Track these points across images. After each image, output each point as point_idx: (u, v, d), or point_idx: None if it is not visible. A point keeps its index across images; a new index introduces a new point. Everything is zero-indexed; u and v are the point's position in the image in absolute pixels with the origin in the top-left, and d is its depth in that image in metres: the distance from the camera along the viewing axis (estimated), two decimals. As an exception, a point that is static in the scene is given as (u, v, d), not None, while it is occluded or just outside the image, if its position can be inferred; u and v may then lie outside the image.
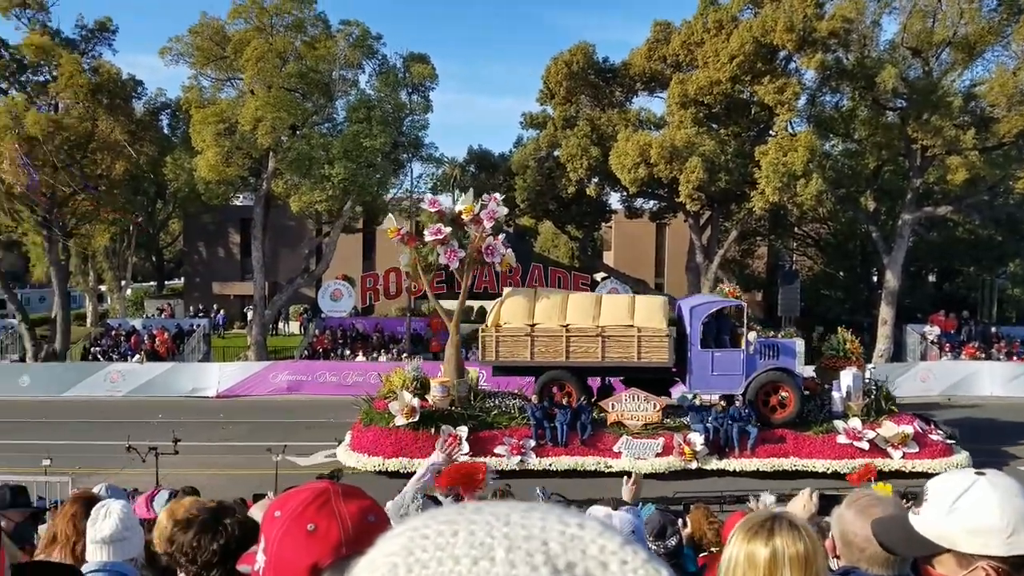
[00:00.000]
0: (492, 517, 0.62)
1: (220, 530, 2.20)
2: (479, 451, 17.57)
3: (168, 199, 39.76)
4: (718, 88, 29.88)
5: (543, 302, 19.03)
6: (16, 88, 31.86)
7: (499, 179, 32.93)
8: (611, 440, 18.13)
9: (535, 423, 18.17)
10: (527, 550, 0.58)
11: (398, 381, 19.07)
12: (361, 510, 1.37)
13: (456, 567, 0.58)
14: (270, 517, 1.39)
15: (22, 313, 31.61)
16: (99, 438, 20.90)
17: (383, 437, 18.09)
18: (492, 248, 18.36)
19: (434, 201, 18.66)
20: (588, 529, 0.61)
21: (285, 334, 37.47)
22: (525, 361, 18.72)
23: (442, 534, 0.61)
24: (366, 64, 31.74)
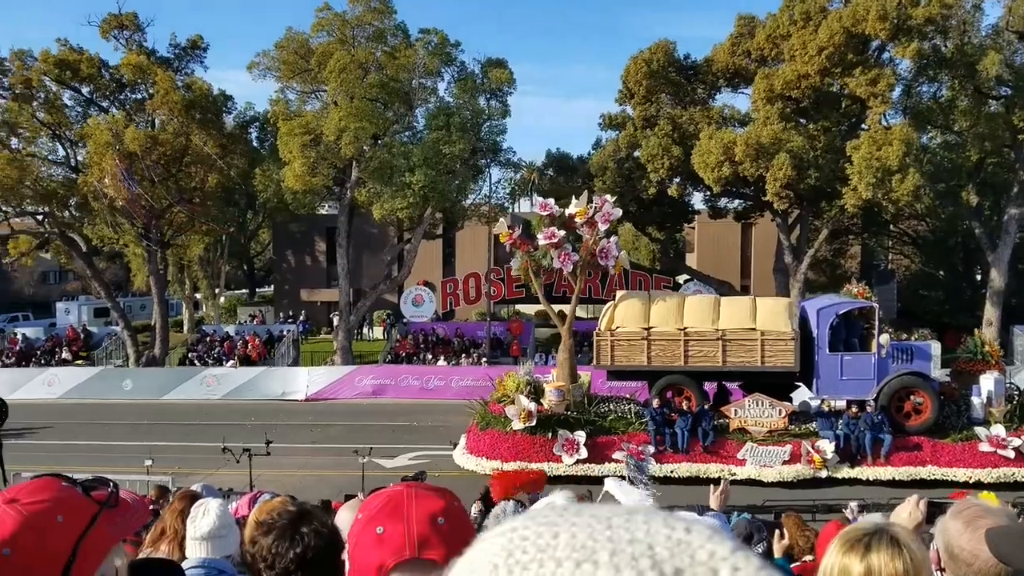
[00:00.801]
0: (594, 520, 0.60)
1: (297, 538, 2.16)
2: (597, 456, 17.48)
3: (258, 209, 41.15)
4: (806, 82, 28.94)
5: (659, 305, 18.62)
6: (116, 106, 33.60)
7: (578, 182, 32.68)
8: (734, 447, 17.66)
9: (654, 428, 17.81)
10: (632, 554, 0.56)
11: (512, 385, 18.89)
12: (431, 513, 1.38)
13: (558, 569, 0.56)
14: (355, 519, 1.44)
15: (124, 320, 33.30)
16: (196, 440, 21.69)
17: (500, 441, 18.05)
18: (607, 251, 18.10)
19: (545, 204, 18.50)
20: (696, 533, 0.59)
21: (369, 339, 38.19)
22: (641, 365, 18.33)
23: (542, 535, 0.60)
24: (445, 71, 32.08)
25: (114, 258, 45.21)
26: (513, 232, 18.64)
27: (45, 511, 1.36)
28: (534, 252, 18.59)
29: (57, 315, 42.50)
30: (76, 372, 30.18)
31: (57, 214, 32.41)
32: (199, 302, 45.23)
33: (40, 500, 1.37)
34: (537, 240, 18.29)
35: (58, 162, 33.30)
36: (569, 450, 17.55)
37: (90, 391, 28.81)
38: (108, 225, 31.96)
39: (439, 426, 24.12)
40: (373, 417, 25.11)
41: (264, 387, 28.46)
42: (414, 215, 30.54)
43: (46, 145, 33.16)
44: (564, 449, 17.58)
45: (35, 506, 1.36)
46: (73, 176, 32.35)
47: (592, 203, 18.12)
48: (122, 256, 43.02)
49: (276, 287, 45.13)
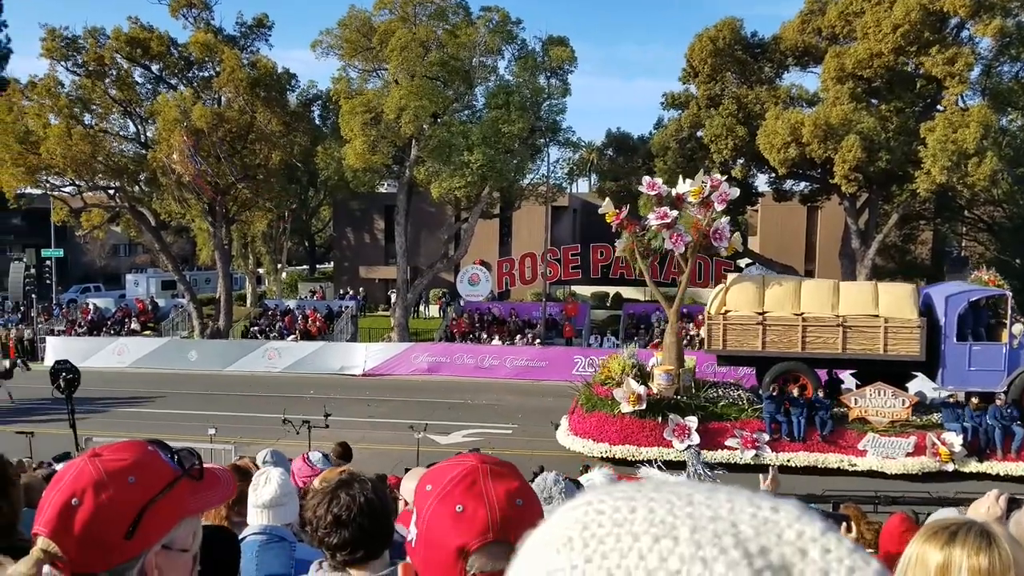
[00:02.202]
0: (673, 496, 0.59)
1: (335, 502, 2.31)
2: (709, 443, 17.11)
3: (319, 187, 41.77)
4: (879, 61, 27.94)
5: (774, 289, 18.00)
6: (184, 84, 34.32)
7: (638, 162, 32.24)
8: (854, 437, 17.09)
9: (769, 416, 17.31)
10: (714, 531, 0.54)
11: (616, 367, 18.50)
12: (509, 493, 1.35)
13: (636, 544, 0.55)
14: (422, 490, 1.38)
15: (191, 293, 34.26)
16: (257, 410, 22.15)
17: (608, 424, 17.69)
18: (720, 232, 17.36)
19: (652, 183, 17.77)
20: (784, 512, 0.56)
21: (426, 317, 38.48)
22: (755, 351, 17.78)
23: (619, 510, 0.58)
24: (505, 49, 31.84)
25: (181, 232, 46.40)
26: (620, 212, 18.11)
27: (120, 470, 1.39)
28: (640, 233, 18.01)
29: (127, 287, 43.85)
30: (144, 342, 31.17)
31: (127, 189, 33.35)
32: (262, 277, 46.25)
33: (120, 459, 1.41)
34: (645, 220, 17.69)
35: (129, 138, 34.13)
36: (680, 435, 17.15)
37: (157, 361, 29.75)
38: (175, 200, 32.79)
39: (493, 404, 24.29)
40: (428, 394, 25.35)
41: (323, 361, 28.97)
42: (472, 194, 30.54)
43: (118, 121, 34.00)
44: (675, 434, 17.19)
45: (113, 463, 1.40)
46: (143, 152, 33.17)
47: (705, 182, 17.42)
48: (189, 231, 44.16)
49: (336, 264, 45.84)
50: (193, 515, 1.49)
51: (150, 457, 1.45)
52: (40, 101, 31.77)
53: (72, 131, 30.59)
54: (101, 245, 47.80)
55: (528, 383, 26.91)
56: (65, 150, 30.07)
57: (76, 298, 40.09)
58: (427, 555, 1.34)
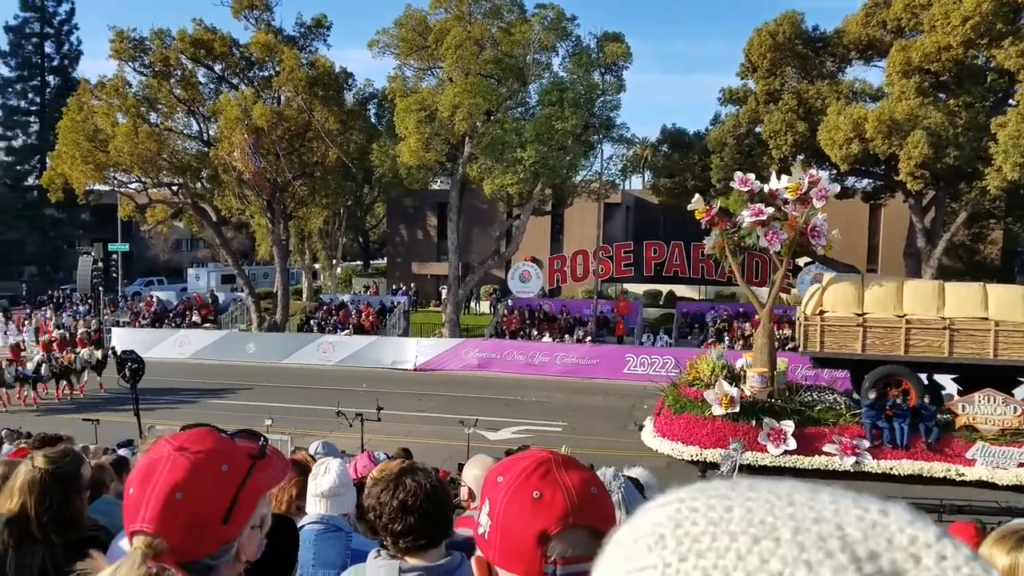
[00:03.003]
0: (772, 496, 0.57)
1: (400, 488, 2.36)
2: (806, 449, 16.62)
3: (374, 184, 42.26)
4: (947, 54, 26.97)
5: (874, 289, 17.38)
6: (245, 83, 35.15)
7: (693, 158, 31.72)
8: (962, 445, 16.43)
9: (869, 422, 16.69)
10: (819, 533, 0.52)
11: (705, 369, 18.15)
12: (583, 481, 1.36)
13: (733, 544, 0.53)
14: (492, 482, 1.40)
15: (249, 287, 35.09)
16: (312, 402, 22.47)
17: (697, 426, 17.24)
18: (819, 229, 16.84)
19: (745, 179, 17.26)
20: (894, 516, 0.53)
21: (476, 313, 38.62)
22: (854, 353, 17.15)
23: (714, 508, 0.56)
24: (560, 46, 31.73)
25: (241, 228, 47.45)
26: (711, 209, 17.56)
27: (211, 460, 1.47)
28: (731, 231, 17.47)
29: (188, 281, 45.27)
30: (204, 334, 31.98)
31: (190, 185, 34.32)
32: (317, 272, 47.09)
33: (204, 450, 1.48)
34: (736, 218, 17.17)
35: (192, 136, 35.11)
36: (775, 440, 16.65)
37: (216, 353, 30.50)
38: (236, 197, 33.61)
39: (543, 401, 24.22)
40: (478, 389, 25.39)
41: (375, 355, 29.31)
42: (524, 191, 30.50)
43: (182, 120, 35.07)
44: (770, 439, 16.70)
45: (202, 455, 1.47)
46: (205, 150, 34.06)
47: (803, 178, 16.83)
48: (248, 226, 45.22)
49: (389, 259, 46.38)
50: (264, 494, 1.57)
51: (227, 443, 1.53)
52: (109, 101, 32.97)
53: (139, 130, 31.66)
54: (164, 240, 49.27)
55: (578, 381, 26.74)
56: (132, 148, 31.12)
57: (140, 291, 41.46)
58: (504, 544, 1.34)
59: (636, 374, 26.66)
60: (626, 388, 25.73)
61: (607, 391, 25.50)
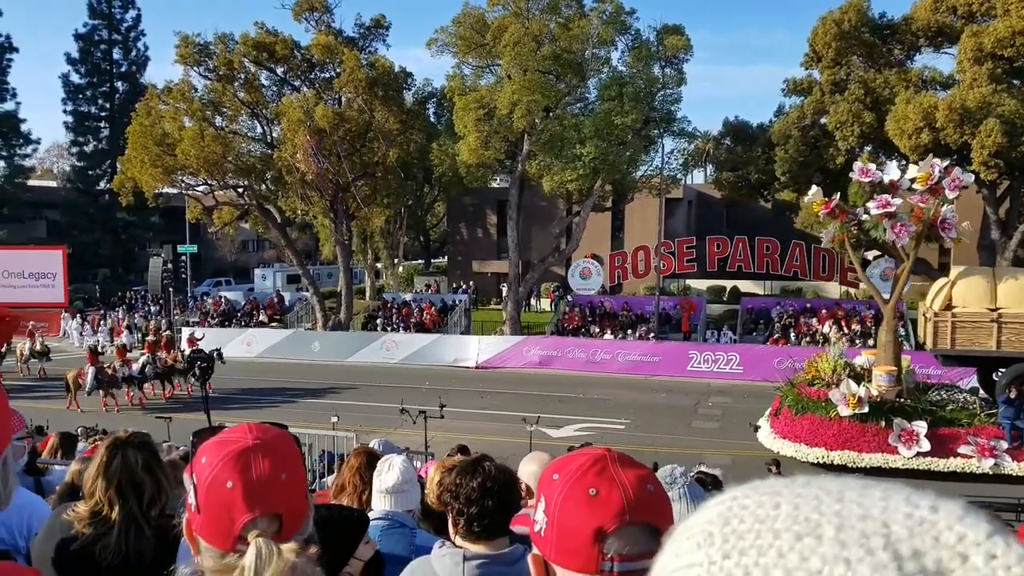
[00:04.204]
0: (823, 492, 0.56)
1: (480, 471, 2.41)
2: (940, 451, 15.98)
3: (434, 183, 42.47)
4: (1022, 39, 25.89)
5: (1008, 283, 16.72)
6: (307, 85, 35.65)
7: (757, 151, 31.13)
8: None
9: (1008, 422, 16.02)
10: (863, 531, 0.51)
11: (827, 367, 17.58)
12: (639, 478, 1.35)
13: (776, 542, 0.52)
14: (548, 479, 1.39)
15: (314, 287, 35.71)
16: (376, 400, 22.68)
17: (822, 427, 16.68)
18: (950, 222, 16.05)
19: (865, 170, 16.50)
20: (943, 513, 0.52)
21: (537, 310, 38.61)
22: (988, 351, 16.48)
23: (763, 506, 0.56)
24: (619, 40, 31.45)
25: (305, 229, 48.17)
26: (831, 201, 16.82)
27: (292, 446, 1.53)
28: (850, 223, 16.77)
29: (255, 281, 46.29)
30: (271, 333, 32.65)
31: (255, 187, 34.99)
32: (380, 271, 47.56)
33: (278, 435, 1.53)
34: (858, 210, 16.54)
35: (256, 138, 35.70)
36: (908, 441, 15.97)
37: (283, 351, 31.11)
38: (299, 198, 34.17)
39: (605, 399, 24.09)
40: (539, 387, 25.38)
41: (437, 353, 29.52)
42: (583, 187, 30.36)
43: (246, 123, 35.68)
44: (901, 440, 16.04)
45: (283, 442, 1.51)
46: (269, 152, 34.59)
47: (933, 167, 16.07)
48: (311, 227, 45.95)
49: (449, 258, 46.69)
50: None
51: (282, 432, 1.56)
52: (175, 105, 33.80)
53: (204, 133, 32.42)
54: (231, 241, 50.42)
55: (641, 378, 26.55)
56: (198, 151, 31.89)
57: (208, 291, 42.55)
58: (560, 541, 1.34)
59: (700, 371, 26.36)
60: (690, 385, 25.46)
61: (670, 388, 25.26)
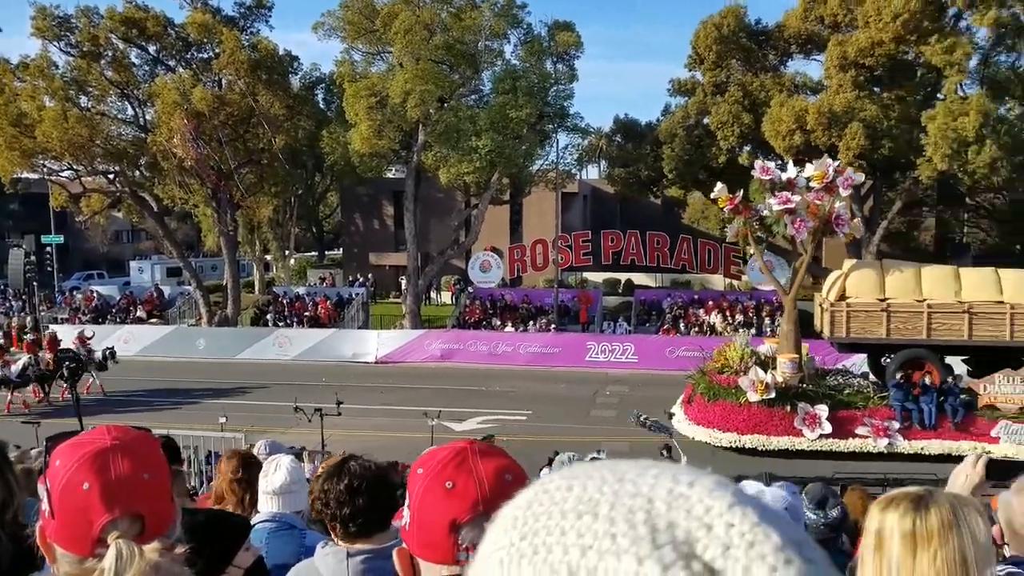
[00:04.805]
0: (609, 474, 0.61)
1: (344, 472, 2.38)
2: (840, 432, 17.05)
3: (325, 172, 41.24)
4: (880, 49, 28.21)
5: (895, 276, 17.89)
6: (183, 66, 33.64)
7: (646, 149, 32.32)
8: (986, 424, 17.11)
9: (898, 404, 17.21)
10: (630, 507, 0.56)
11: (735, 355, 18.34)
12: (498, 469, 1.39)
13: (562, 521, 0.57)
14: (413, 474, 1.43)
15: (197, 280, 33.85)
16: (268, 399, 22.08)
17: (733, 413, 17.43)
18: (842, 219, 17.22)
19: (765, 168, 17.41)
20: (697, 488, 0.57)
21: (437, 304, 38.44)
22: (879, 338, 17.63)
23: (560, 489, 0.61)
24: (511, 34, 31.62)
25: (185, 218, 45.60)
26: (735, 197, 17.69)
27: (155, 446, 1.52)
28: (753, 219, 17.74)
29: (131, 274, 43.18)
30: (150, 330, 30.86)
31: (128, 173, 32.80)
32: (269, 263, 45.71)
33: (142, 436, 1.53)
34: (759, 206, 17.49)
35: (127, 121, 33.46)
36: (811, 425, 16.99)
37: (164, 349, 29.46)
38: (178, 185, 32.31)
39: (507, 391, 24.41)
40: (441, 380, 25.40)
41: (334, 348, 28.87)
42: (481, 180, 30.46)
43: (115, 104, 33.27)
44: (805, 423, 17.04)
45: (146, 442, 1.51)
46: (142, 135, 32.53)
47: (828, 166, 17.14)
48: (192, 216, 43.61)
49: (345, 250, 45.44)
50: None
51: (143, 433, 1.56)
52: (33, 82, 31.02)
53: (68, 113, 29.98)
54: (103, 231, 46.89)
55: (541, 369, 27.09)
56: (61, 133, 29.43)
57: (79, 285, 39.50)
58: (421, 535, 1.39)
59: (597, 361, 27.20)
60: (588, 375, 26.22)
61: (570, 379, 25.92)
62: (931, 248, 36.28)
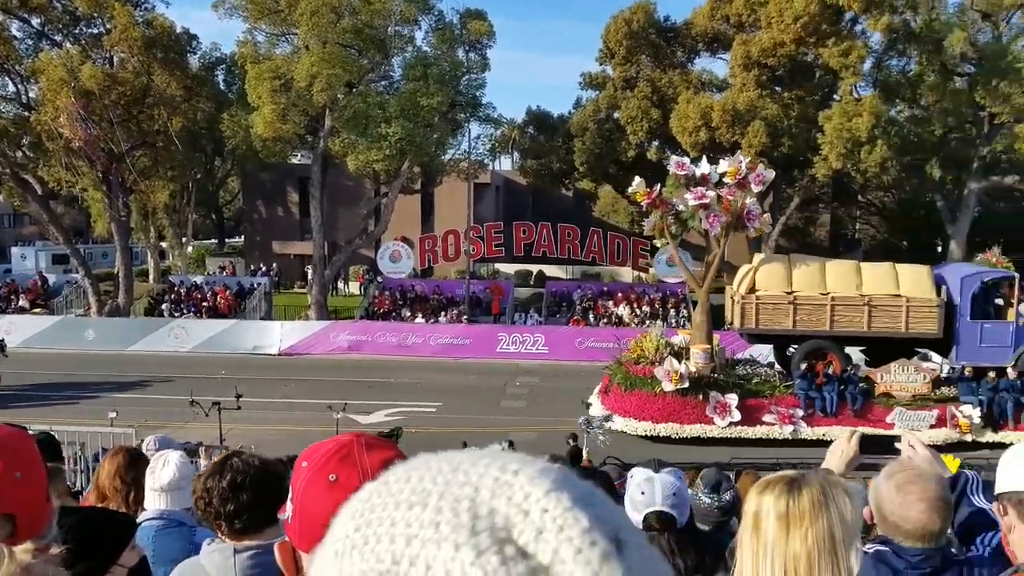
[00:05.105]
0: (446, 464, 0.61)
1: (227, 469, 2.35)
2: (748, 419, 17.56)
3: (226, 156, 39.73)
4: (782, 50, 29.20)
5: (800, 269, 18.66)
6: (70, 41, 31.67)
7: (558, 141, 32.49)
8: (882, 411, 17.90)
9: (802, 392, 17.86)
10: (456, 496, 0.57)
11: (650, 347, 18.75)
12: (384, 461, 1.37)
13: (394, 512, 0.58)
14: (298, 468, 1.42)
15: (85, 268, 31.83)
16: (163, 392, 21.29)
17: (649, 402, 17.84)
18: (753, 214, 17.84)
19: (681, 163, 17.97)
20: (522, 476, 0.59)
21: (345, 294, 37.59)
22: (786, 329, 18.33)
23: (398, 480, 0.61)
24: (422, 20, 31.22)
25: (72, 202, 43.04)
26: (652, 192, 18.15)
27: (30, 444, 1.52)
28: (669, 213, 18.15)
29: (12, 261, 40.67)
30: (34, 321, 28.98)
31: (8, 153, 30.58)
32: (165, 251, 43.78)
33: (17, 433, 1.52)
34: (673, 201, 17.95)
35: (8, 98, 31.34)
36: (722, 412, 17.58)
37: (50, 340, 27.73)
38: (64, 167, 30.37)
39: (416, 383, 24.13)
40: (348, 373, 24.89)
41: (235, 340, 27.85)
42: (391, 168, 29.92)
43: (-6, 79, 31.26)
44: (716, 411, 17.59)
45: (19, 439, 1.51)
46: (25, 114, 30.55)
47: (741, 162, 17.84)
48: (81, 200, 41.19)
49: (247, 238, 43.83)
50: None
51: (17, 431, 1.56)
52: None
53: (-61, 88, 27.86)
54: (-20, 215, 43.91)
55: (452, 361, 26.87)
56: (-68, 109, 27.35)
57: (-47, 272, 36.71)
58: (303, 528, 1.37)
59: (508, 352, 27.21)
60: (499, 366, 26.18)
61: (481, 370, 25.82)
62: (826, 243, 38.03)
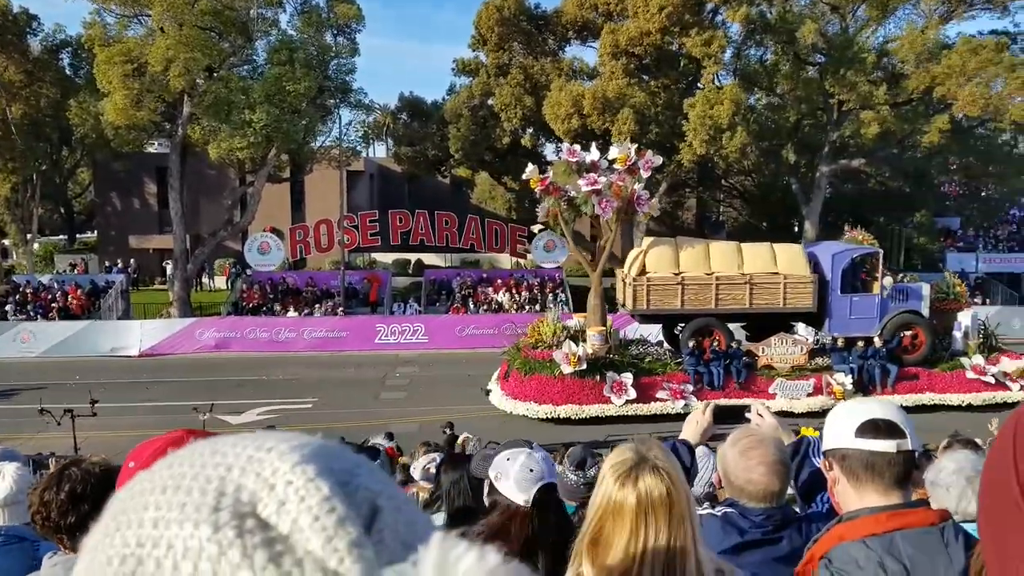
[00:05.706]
0: (208, 448, 0.61)
1: (64, 479, 2.24)
2: (643, 397, 18.20)
3: (75, 146, 36.91)
4: (648, 39, 29.92)
5: (687, 251, 19.42)
6: None
7: (432, 128, 32.12)
8: (764, 383, 18.82)
9: (691, 368, 18.60)
10: (208, 476, 0.58)
11: (548, 331, 19.16)
12: None
13: (150, 498, 0.58)
14: (125, 468, 1.38)
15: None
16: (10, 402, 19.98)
17: (548, 385, 18.24)
18: (642, 199, 18.39)
19: (572, 151, 18.48)
20: (273, 452, 0.59)
21: (210, 289, 35.76)
22: (675, 309, 19.06)
23: (162, 467, 0.61)
24: (287, 3, 30.14)
25: None
26: (545, 178, 18.57)
27: None
28: (562, 199, 18.49)
29: None
30: None
31: None
32: (8, 249, 40.33)
33: None
34: (567, 187, 18.36)
35: None
36: (618, 392, 18.16)
37: None
38: None
39: (291, 379, 23.41)
40: (216, 372, 23.91)
41: (89, 343, 26.14)
42: (256, 156, 28.68)
43: None
44: (613, 391, 18.13)
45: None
46: None
47: (630, 149, 18.39)
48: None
49: (100, 233, 40.85)
50: None
51: None
52: None
53: None
54: None
55: (328, 355, 26.22)
56: None
57: None
58: None
59: (387, 343, 26.82)
60: (378, 358, 25.78)
61: (359, 362, 25.33)
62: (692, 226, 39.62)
